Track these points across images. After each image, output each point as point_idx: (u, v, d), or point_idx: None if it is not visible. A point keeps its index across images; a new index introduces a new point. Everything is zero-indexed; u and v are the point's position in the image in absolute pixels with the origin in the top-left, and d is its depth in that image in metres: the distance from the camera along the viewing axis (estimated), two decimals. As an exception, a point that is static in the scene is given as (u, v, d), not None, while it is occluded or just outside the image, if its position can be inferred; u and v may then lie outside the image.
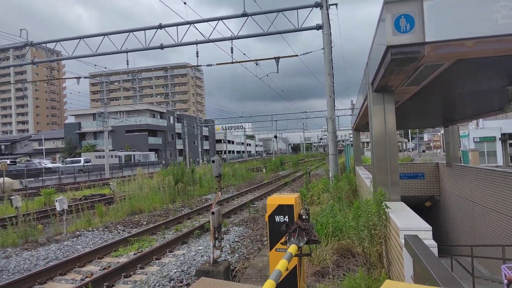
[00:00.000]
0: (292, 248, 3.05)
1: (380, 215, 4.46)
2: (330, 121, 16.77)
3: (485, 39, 3.17)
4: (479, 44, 3.15)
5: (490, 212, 9.65)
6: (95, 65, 20.71)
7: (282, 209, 3.90)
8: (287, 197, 3.96)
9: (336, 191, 11.73)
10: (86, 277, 6.80)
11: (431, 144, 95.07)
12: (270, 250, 4.01)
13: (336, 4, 15.94)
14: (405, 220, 3.81)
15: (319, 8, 15.27)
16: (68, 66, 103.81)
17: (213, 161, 5.88)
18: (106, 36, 17.50)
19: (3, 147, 78.03)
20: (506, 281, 3.56)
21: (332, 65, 16.14)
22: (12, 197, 10.18)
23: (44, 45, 19.25)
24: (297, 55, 17.56)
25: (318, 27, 15.44)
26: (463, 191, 12.32)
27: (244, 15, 15.85)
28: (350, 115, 31.86)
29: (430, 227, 3.52)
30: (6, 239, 9.13)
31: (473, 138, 31.29)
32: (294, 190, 19.15)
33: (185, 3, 14.80)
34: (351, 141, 26.28)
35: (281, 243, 3.83)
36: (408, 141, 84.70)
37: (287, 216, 3.88)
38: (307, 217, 3.85)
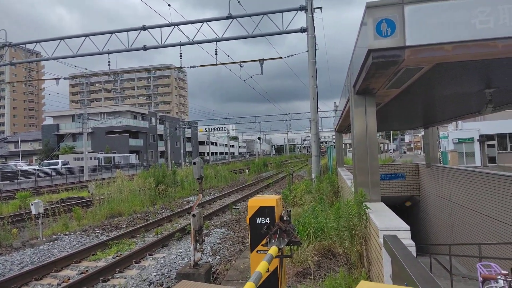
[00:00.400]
0: (273, 250, 3.02)
1: (361, 216, 4.50)
2: (313, 123, 16.93)
3: (463, 43, 3.24)
4: (458, 48, 3.21)
5: (468, 211, 9.90)
6: (75, 66, 20.26)
7: (263, 211, 3.88)
8: (268, 199, 3.94)
9: (318, 192, 11.80)
10: (63, 281, 6.60)
11: (412, 145, 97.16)
12: (251, 252, 3.98)
13: (320, 8, 16.09)
14: (385, 221, 3.84)
15: (304, 11, 15.38)
16: (48, 67, 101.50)
17: (194, 163, 5.81)
18: (87, 37, 17.16)
19: (-23, 148, 75.37)
20: (481, 278, 3.64)
21: (316, 68, 16.27)
22: (-15, 200, 9.83)
23: (24, 45, 18.73)
24: (281, 58, 17.64)
25: (303, 30, 15.56)
26: (442, 191, 12.61)
27: (229, 17, 15.81)
28: (333, 116, 32.18)
29: (408, 227, 3.56)
30: (-22, 244, 8.81)
31: (452, 139, 32.09)
32: (277, 192, 19.17)
33: (169, 5, 14.67)
34: (334, 143, 26.61)
35: (262, 245, 3.80)
36: (390, 142, 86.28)
37: (268, 218, 3.86)
38: (288, 218, 3.83)
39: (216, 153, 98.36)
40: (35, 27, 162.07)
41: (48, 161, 44.71)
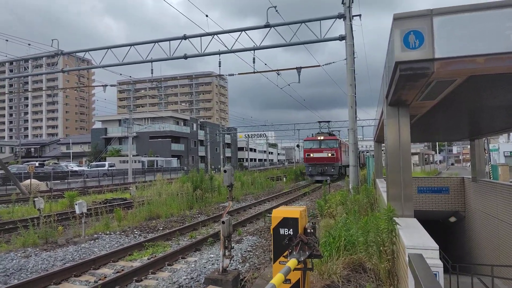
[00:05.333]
0: (291, 263, 3.02)
1: (389, 232, 4.36)
2: (351, 132, 16.75)
3: (497, 55, 3.08)
4: (491, 61, 3.06)
5: (515, 231, 9.22)
6: (120, 74, 21.47)
7: (287, 222, 3.88)
8: (292, 210, 3.94)
9: (353, 203, 11.52)
10: (100, 279, 6.93)
11: (461, 157, 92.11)
12: (274, 263, 3.99)
13: (359, 15, 15.86)
14: (412, 238, 3.70)
15: (342, 19, 15.25)
16: (97, 74, 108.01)
17: (224, 171, 5.92)
18: (132, 46, 18.10)
19: (32, 150, 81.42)
20: None
21: (354, 76, 16.06)
22: (35, 198, 10.57)
23: (74, 54, 20.09)
24: (319, 65, 17.56)
25: (341, 38, 15.42)
26: (488, 208, 11.84)
27: (267, 26, 16.03)
28: (374, 125, 31.37)
29: (437, 246, 3.41)
30: (27, 239, 9.46)
31: (504, 152, 30.12)
32: (312, 201, 18.95)
33: (206, 15, 15.17)
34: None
35: (283, 256, 3.80)
36: (436, 153, 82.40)
37: (291, 229, 3.85)
38: (312, 231, 3.81)
39: (255, 160, 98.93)
40: (85, 36, 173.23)
41: (96, 163, 47.28)
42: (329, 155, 29.43)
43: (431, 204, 16.74)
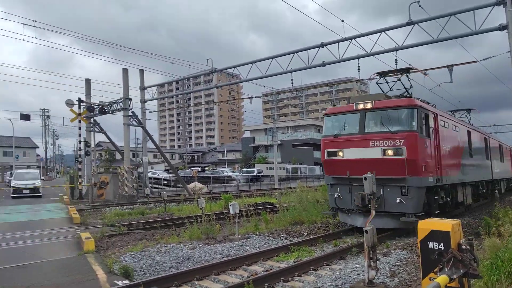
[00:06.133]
0: (441, 279, 2.84)
1: None
2: (523, 135, 14.14)
3: None
4: None
5: None
6: (263, 86, 23.22)
7: (436, 235, 3.62)
8: (443, 223, 3.65)
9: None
10: (251, 275, 7.64)
11: None
12: (423, 278, 3.76)
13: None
14: None
15: (502, 6, 13.12)
16: (245, 87, 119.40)
17: (365, 179, 5.82)
18: (273, 59, 19.40)
19: (196, 157, 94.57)
20: None
21: (524, 70, 13.53)
22: (198, 199, 12.40)
23: (225, 70, 22.78)
24: (476, 61, 15.43)
25: (502, 28, 13.24)
26: None
27: (410, 23, 14.99)
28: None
29: None
30: (193, 234, 11.13)
31: None
32: (476, 217, 16.47)
33: (342, 21, 15.11)
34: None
35: (433, 272, 3.56)
36: None
37: (442, 244, 3.57)
38: (469, 247, 3.47)
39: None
40: (234, 53, 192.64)
41: (246, 169, 51.79)
42: (389, 153, 10.08)
43: None
